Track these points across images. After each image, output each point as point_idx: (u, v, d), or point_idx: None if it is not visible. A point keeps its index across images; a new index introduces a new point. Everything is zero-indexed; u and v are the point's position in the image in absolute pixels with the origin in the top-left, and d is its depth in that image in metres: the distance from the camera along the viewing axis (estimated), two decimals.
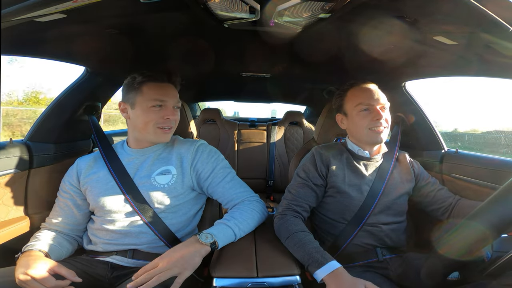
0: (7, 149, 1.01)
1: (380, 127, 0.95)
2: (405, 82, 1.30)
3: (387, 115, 0.98)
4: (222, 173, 0.97)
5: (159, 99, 0.90)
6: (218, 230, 0.81)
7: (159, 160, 0.97)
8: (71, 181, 0.97)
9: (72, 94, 1.19)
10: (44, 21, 0.69)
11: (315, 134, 1.33)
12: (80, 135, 1.32)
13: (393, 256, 0.93)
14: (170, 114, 0.92)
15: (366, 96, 0.98)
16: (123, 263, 0.87)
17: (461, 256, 0.63)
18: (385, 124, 0.96)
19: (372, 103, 0.96)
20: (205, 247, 0.75)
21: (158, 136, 0.93)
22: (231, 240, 0.83)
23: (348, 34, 0.94)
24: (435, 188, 1.02)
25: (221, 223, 0.84)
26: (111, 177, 0.92)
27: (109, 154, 0.97)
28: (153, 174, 0.93)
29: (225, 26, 0.91)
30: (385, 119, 0.96)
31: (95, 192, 0.92)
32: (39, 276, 0.71)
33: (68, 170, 1.00)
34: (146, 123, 0.91)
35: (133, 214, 0.89)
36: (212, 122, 2.40)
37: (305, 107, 3.07)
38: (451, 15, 0.65)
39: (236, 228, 0.84)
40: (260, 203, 0.95)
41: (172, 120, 0.94)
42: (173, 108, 0.95)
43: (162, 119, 0.91)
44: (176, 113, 0.96)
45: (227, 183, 0.96)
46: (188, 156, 0.97)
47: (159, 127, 0.91)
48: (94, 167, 0.97)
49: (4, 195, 1.00)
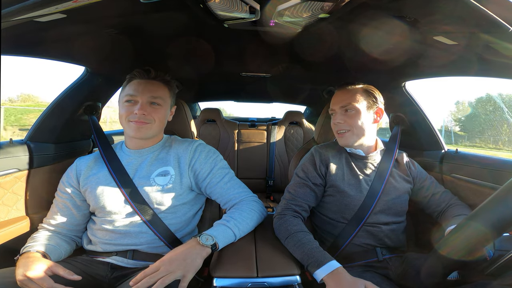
0: (7, 149, 1.01)
1: (340, 130, 0.98)
2: (405, 82, 1.30)
3: (352, 116, 0.96)
4: (221, 173, 0.97)
5: (130, 94, 0.93)
6: (218, 231, 0.81)
7: (157, 160, 0.97)
8: (70, 182, 0.96)
9: (72, 94, 1.19)
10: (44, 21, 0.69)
11: (315, 134, 1.33)
12: (80, 135, 1.32)
13: (393, 256, 0.93)
14: (140, 109, 0.90)
15: (333, 101, 1.03)
16: (123, 263, 0.87)
17: (461, 256, 0.63)
18: (346, 126, 0.97)
19: (334, 107, 1.01)
20: (206, 249, 0.75)
21: (132, 129, 0.92)
22: (231, 241, 0.83)
23: (348, 34, 0.94)
24: (429, 193, 1.02)
25: (221, 224, 0.84)
26: (111, 178, 0.92)
27: (109, 154, 0.97)
28: (152, 175, 0.93)
29: (225, 26, 0.91)
30: (344, 120, 0.97)
31: (95, 193, 0.91)
32: (37, 277, 0.71)
33: (67, 171, 1.00)
34: (120, 116, 0.94)
35: (133, 215, 0.89)
36: (212, 122, 2.40)
37: (305, 107, 3.07)
38: (451, 15, 0.65)
39: (236, 228, 0.84)
40: (258, 203, 0.95)
41: (141, 115, 0.91)
42: (147, 103, 0.92)
43: (132, 114, 0.91)
44: (150, 108, 0.93)
45: (225, 184, 0.96)
46: (186, 156, 0.97)
47: (130, 120, 0.92)
48: (93, 168, 0.97)
49: (4, 195, 1.00)
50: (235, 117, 2.91)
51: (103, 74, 1.24)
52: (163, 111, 0.97)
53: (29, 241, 0.88)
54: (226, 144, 2.33)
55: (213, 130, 2.38)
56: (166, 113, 1.00)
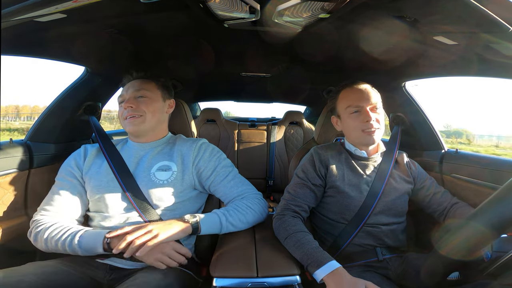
0: (7, 149, 1.01)
1: (371, 128, 0.95)
2: (405, 82, 1.30)
3: (379, 115, 0.98)
4: (224, 171, 0.98)
5: (121, 95, 1.01)
6: (205, 216, 0.87)
7: (159, 154, 0.98)
8: (77, 163, 0.97)
9: (72, 94, 1.19)
10: (44, 21, 0.69)
11: (315, 134, 1.33)
12: (80, 135, 1.32)
13: (393, 256, 0.93)
14: (126, 102, 0.95)
15: (355, 97, 0.98)
16: (122, 264, 0.87)
17: (461, 256, 0.63)
18: (377, 124, 0.96)
19: (362, 104, 0.96)
20: (186, 224, 0.83)
21: (126, 126, 0.97)
22: (216, 229, 0.87)
23: (348, 34, 0.94)
24: (430, 192, 1.02)
25: (211, 212, 0.90)
26: (111, 171, 0.93)
27: (110, 149, 0.99)
28: (152, 169, 0.94)
29: (225, 26, 0.91)
30: (376, 119, 0.96)
31: (94, 183, 0.92)
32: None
33: (73, 154, 1.00)
34: (119, 117, 1.01)
35: (131, 210, 0.89)
36: (212, 122, 2.40)
37: (305, 107, 3.07)
38: (451, 15, 0.65)
39: (224, 218, 0.87)
40: (259, 201, 0.96)
41: (129, 109, 0.95)
42: (134, 98, 0.97)
43: (124, 111, 0.97)
44: (136, 102, 0.96)
45: (228, 182, 0.97)
46: (190, 154, 0.98)
47: (124, 118, 0.97)
48: (97, 157, 0.99)
49: (4, 195, 1.00)
50: (235, 117, 2.91)
51: (103, 74, 1.24)
52: (152, 102, 0.99)
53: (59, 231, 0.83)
54: (226, 144, 2.33)
55: (213, 130, 2.38)
56: (158, 105, 1.01)
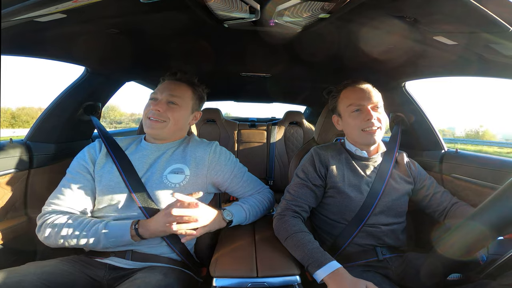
0: (7, 149, 1.01)
1: (372, 127, 0.95)
2: (405, 82, 1.30)
3: (381, 114, 0.98)
4: (240, 173, 1.04)
5: (153, 93, 1.00)
6: (237, 211, 0.95)
7: (173, 156, 0.98)
8: (92, 157, 0.94)
9: (72, 94, 1.19)
10: (44, 21, 0.69)
11: (315, 134, 1.33)
12: (80, 135, 1.32)
13: (393, 256, 0.93)
14: (156, 105, 0.95)
15: (357, 96, 0.98)
16: (122, 264, 0.86)
17: (460, 256, 0.63)
18: (378, 123, 0.96)
19: (363, 103, 0.96)
20: (223, 222, 0.90)
21: (147, 126, 0.97)
22: (242, 223, 0.97)
23: (348, 34, 0.94)
24: (430, 192, 1.02)
25: (239, 205, 0.98)
26: (119, 175, 0.91)
27: (116, 151, 0.96)
28: (165, 172, 0.93)
29: (225, 26, 0.91)
30: (377, 118, 0.96)
31: (104, 183, 0.90)
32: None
33: (88, 147, 0.97)
34: (144, 110, 1.01)
35: (137, 212, 0.87)
36: (212, 122, 2.40)
37: (305, 107, 3.07)
38: (451, 15, 0.65)
39: (249, 213, 0.97)
40: (271, 194, 1.09)
41: (156, 111, 0.94)
42: (165, 102, 0.96)
43: (150, 110, 0.97)
44: (166, 107, 0.95)
45: (244, 182, 1.05)
46: (205, 158, 0.99)
47: (147, 116, 0.97)
48: (107, 156, 0.96)
49: (4, 195, 1.00)
50: (235, 117, 2.91)
51: (103, 74, 1.24)
52: (181, 111, 0.98)
53: (74, 228, 0.81)
54: (226, 144, 2.33)
55: (213, 130, 2.38)
56: (185, 115, 1.01)
